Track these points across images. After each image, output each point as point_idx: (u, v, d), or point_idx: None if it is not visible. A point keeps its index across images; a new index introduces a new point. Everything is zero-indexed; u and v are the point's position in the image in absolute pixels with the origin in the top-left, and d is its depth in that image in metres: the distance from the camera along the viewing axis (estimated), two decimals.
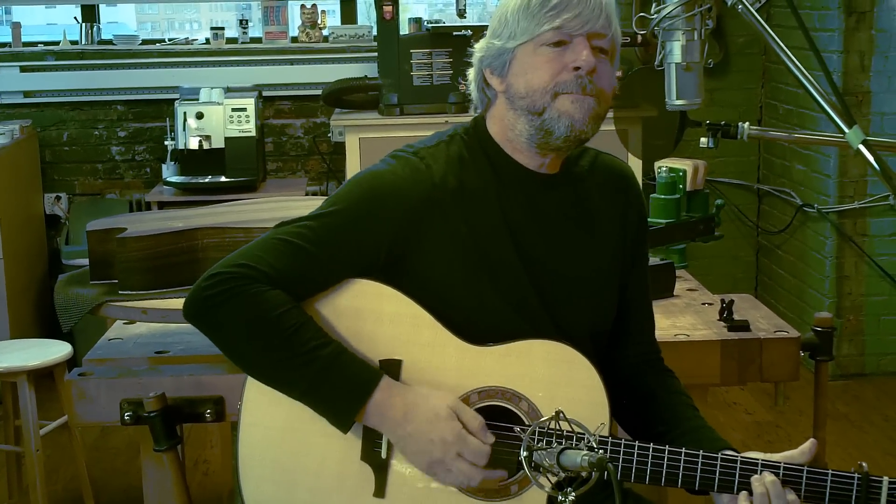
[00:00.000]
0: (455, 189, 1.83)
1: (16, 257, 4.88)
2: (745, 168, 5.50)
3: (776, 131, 2.35)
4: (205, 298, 1.76)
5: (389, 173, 1.83)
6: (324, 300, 1.81)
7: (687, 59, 1.93)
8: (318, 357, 1.74)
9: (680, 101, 1.99)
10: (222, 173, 4.84)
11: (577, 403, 1.75)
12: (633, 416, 1.97)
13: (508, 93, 1.84)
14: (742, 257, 5.59)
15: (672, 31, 1.93)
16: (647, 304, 2.04)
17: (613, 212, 1.96)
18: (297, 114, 5.40)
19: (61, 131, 5.35)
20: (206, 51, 5.34)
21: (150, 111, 5.34)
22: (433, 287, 1.81)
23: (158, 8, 6.67)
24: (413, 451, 1.75)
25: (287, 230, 1.81)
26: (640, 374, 2.00)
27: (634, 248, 1.99)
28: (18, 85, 5.25)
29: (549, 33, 1.79)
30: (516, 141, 1.86)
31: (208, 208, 2.57)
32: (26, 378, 3.28)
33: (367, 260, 1.81)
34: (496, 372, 1.79)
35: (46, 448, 4.09)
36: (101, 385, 2.31)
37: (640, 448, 1.75)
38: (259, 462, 1.82)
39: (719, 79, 5.35)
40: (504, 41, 1.83)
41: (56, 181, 5.38)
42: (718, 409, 4.54)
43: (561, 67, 1.79)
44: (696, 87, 1.97)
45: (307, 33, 5.38)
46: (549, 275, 1.87)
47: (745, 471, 1.74)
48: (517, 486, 1.76)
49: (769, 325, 2.52)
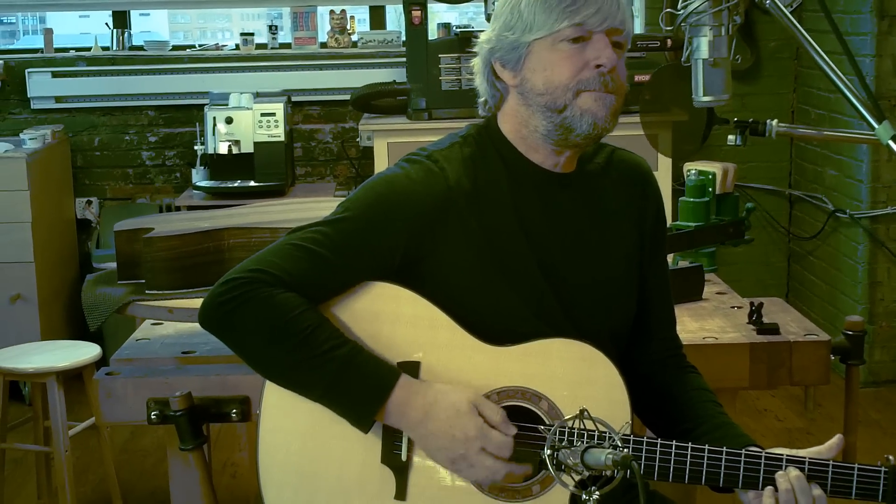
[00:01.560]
0: (469, 191, 1.81)
1: (47, 261, 4.91)
2: (776, 173, 5.47)
3: (805, 128, 2.33)
4: (219, 304, 1.76)
5: (403, 177, 1.82)
6: (341, 303, 1.80)
7: (714, 55, 1.91)
8: (336, 357, 1.73)
9: (707, 97, 1.97)
10: (251, 178, 4.85)
11: (597, 402, 1.74)
12: (657, 414, 1.96)
13: (522, 88, 1.81)
14: (774, 263, 5.55)
15: (699, 27, 1.91)
16: (667, 300, 2.02)
17: (630, 208, 1.94)
18: (325, 119, 5.41)
19: (93, 136, 5.38)
20: (236, 56, 5.36)
21: (180, 116, 5.36)
22: (449, 290, 1.80)
23: (190, 17, 6.70)
24: (435, 448, 1.74)
25: (301, 235, 1.80)
26: (662, 371, 1.99)
27: (652, 245, 1.97)
28: (51, 90, 5.29)
29: (568, 30, 1.76)
30: (531, 138, 1.85)
31: (235, 209, 2.57)
32: (55, 379, 3.29)
33: (381, 264, 1.80)
34: (515, 372, 1.77)
35: (76, 449, 4.11)
36: (127, 384, 2.32)
37: (662, 446, 1.73)
38: (280, 468, 1.82)
39: (751, 83, 5.32)
40: (518, 34, 1.79)
41: (87, 186, 5.42)
42: (749, 415, 4.50)
43: (582, 65, 1.77)
44: (723, 83, 1.95)
45: (336, 39, 5.39)
46: (565, 275, 1.86)
47: (770, 467, 1.73)
48: (539, 487, 1.75)
49: (799, 329, 2.49)
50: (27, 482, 3.96)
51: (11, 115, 5.33)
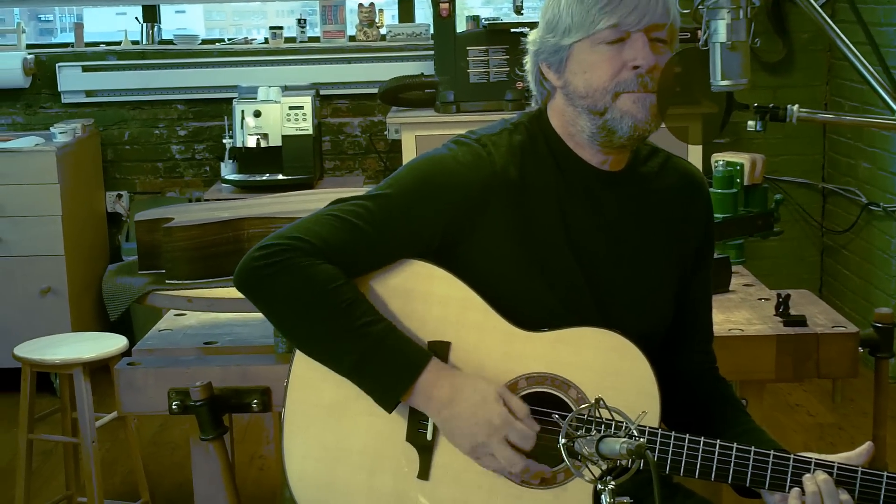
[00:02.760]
0: (515, 180, 1.80)
1: (78, 254, 4.94)
2: (809, 167, 5.41)
3: (825, 114, 2.28)
4: (257, 269, 1.74)
5: (450, 158, 1.80)
6: (375, 279, 1.79)
7: (732, 39, 1.88)
8: (369, 334, 1.72)
9: (725, 81, 1.94)
10: (279, 171, 4.86)
11: (627, 393, 1.72)
12: (686, 423, 1.93)
13: (566, 89, 1.80)
14: (807, 257, 5.49)
15: (717, 10, 1.88)
16: (707, 313, 2.00)
17: (678, 216, 1.90)
18: (354, 112, 5.40)
19: (123, 130, 5.40)
20: (265, 50, 5.36)
21: (209, 110, 5.37)
22: (483, 276, 1.78)
23: (225, 14, 6.72)
24: (458, 433, 1.73)
25: (342, 207, 1.79)
26: (695, 382, 1.96)
27: (698, 258, 1.94)
28: (81, 84, 5.31)
29: (606, 31, 1.73)
30: (578, 136, 1.83)
31: (256, 199, 2.57)
32: (82, 370, 3.30)
33: (419, 244, 1.79)
34: (545, 358, 1.76)
35: (105, 441, 4.13)
36: (149, 374, 2.32)
37: (690, 441, 1.71)
38: (303, 439, 1.81)
39: (783, 76, 5.27)
40: (559, 37, 1.78)
41: (117, 179, 5.44)
42: (780, 410, 4.46)
43: (620, 66, 1.74)
44: (741, 66, 1.92)
45: (364, 32, 5.39)
46: (603, 273, 1.84)
47: (798, 469, 1.70)
48: (563, 475, 1.73)
49: (827, 321, 2.46)
50: (56, 474, 3.98)
51: (42, 109, 5.36)
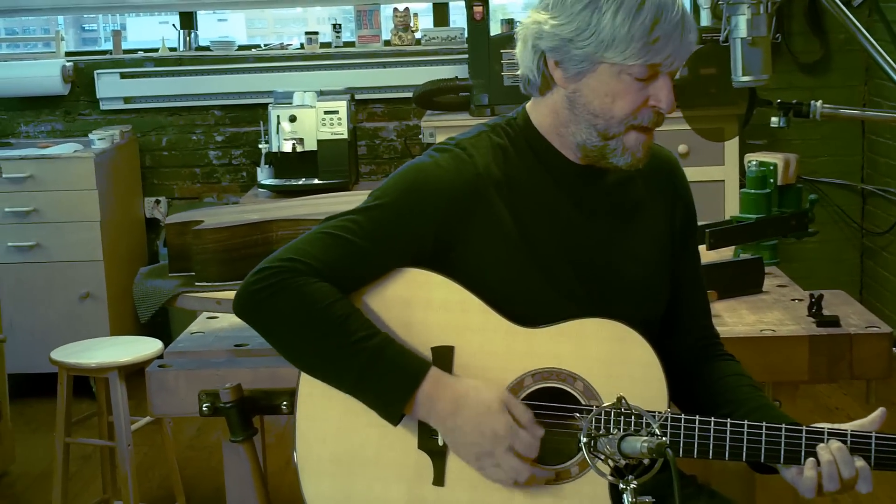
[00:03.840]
0: (499, 179, 1.81)
1: (116, 259, 4.98)
2: (848, 168, 5.35)
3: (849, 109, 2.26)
4: (252, 293, 1.77)
5: (433, 165, 1.82)
6: (372, 291, 1.80)
7: (753, 34, 1.86)
8: (366, 348, 1.73)
9: (746, 77, 1.93)
10: (315, 176, 4.87)
11: (633, 381, 1.73)
12: (694, 403, 1.93)
13: (574, 97, 1.78)
14: (846, 259, 5.43)
15: (737, 6, 1.87)
16: (700, 289, 2.00)
17: (660, 200, 1.92)
18: (389, 117, 5.41)
19: (160, 136, 5.44)
20: (300, 55, 5.38)
21: (246, 116, 5.40)
22: (480, 277, 1.79)
23: (267, 21, 6.75)
24: (462, 443, 1.73)
25: (333, 224, 1.81)
26: (698, 360, 1.96)
27: (682, 236, 1.96)
28: (119, 91, 5.36)
29: (639, 69, 1.72)
30: (567, 137, 1.83)
31: (286, 202, 2.58)
32: (118, 373, 3.33)
33: (413, 252, 1.80)
34: (549, 353, 1.76)
35: (143, 445, 4.16)
36: (179, 377, 2.33)
37: (700, 423, 1.71)
38: (317, 457, 1.82)
39: (821, 76, 5.22)
40: (587, 48, 1.72)
41: (156, 185, 5.48)
42: (820, 413, 4.41)
43: (642, 101, 1.75)
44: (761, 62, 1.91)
45: (399, 36, 5.40)
46: (596, 265, 1.84)
47: (812, 440, 1.70)
48: (577, 468, 1.73)
49: (860, 321, 2.43)
50: (95, 478, 4.01)
51: (81, 115, 5.42)
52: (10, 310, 4.70)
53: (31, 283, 4.86)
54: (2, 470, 4.08)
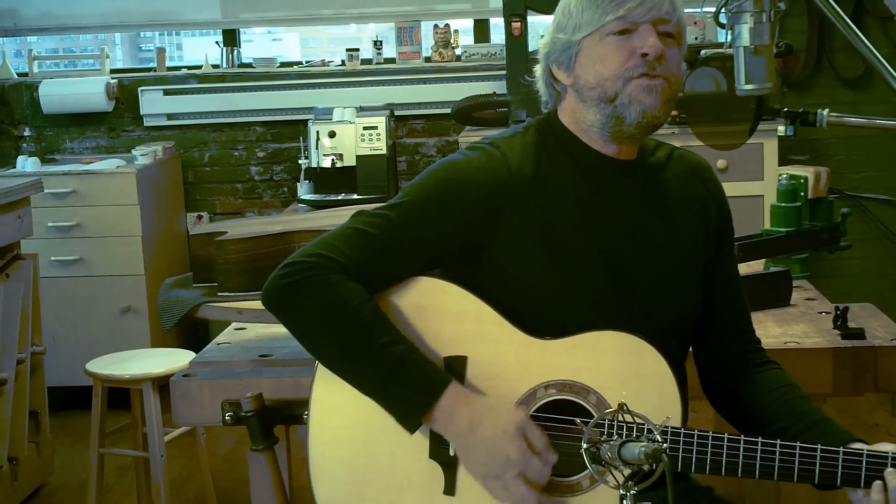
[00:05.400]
0: (531, 177, 1.82)
1: (158, 273, 5.04)
2: (891, 183, 5.29)
3: (855, 118, 2.25)
4: (282, 287, 1.78)
5: (465, 163, 1.83)
6: (388, 299, 1.81)
7: (755, 43, 1.86)
8: (391, 353, 1.73)
9: (749, 85, 1.93)
10: (354, 191, 4.90)
11: (647, 395, 1.72)
12: (742, 413, 1.92)
13: (577, 85, 1.83)
14: (890, 275, 5.37)
15: (740, 14, 1.87)
16: (738, 295, 1.99)
17: (693, 202, 1.92)
18: (429, 132, 5.43)
19: (203, 152, 5.50)
20: (341, 72, 5.42)
21: (287, 132, 5.45)
22: (509, 278, 1.80)
23: (322, 41, 6.80)
24: (474, 461, 1.73)
25: (364, 220, 1.82)
26: (741, 369, 1.95)
27: (718, 240, 1.95)
28: (163, 107, 5.43)
29: (613, 23, 1.78)
30: (589, 131, 1.85)
31: (310, 213, 2.60)
32: (151, 385, 3.36)
33: (442, 249, 1.81)
34: (563, 365, 1.76)
35: (180, 457, 4.19)
36: (203, 386, 2.35)
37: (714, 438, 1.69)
38: (330, 463, 1.83)
39: (862, 91, 5.17)
40: (569, 34, 1.82)
41: (198, 201, 5.54)
42: (860, 430, 4.30)
43: (629, 54, 1.78)
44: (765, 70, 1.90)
45: (440, 53, 5.42)
46: (627, 265, 1.84)
47: (873, 465, 1.67)
48: (588, 481, 1.73)
49: (886, 334, 2.40)
50: (132, 490, 4.03)
51: (125, 132, 5.49)
52: (52, 323, 4.78)
53: (73, 296, 4.93)
54: (41, 481, 4.12)
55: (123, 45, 6.71)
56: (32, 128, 5.50)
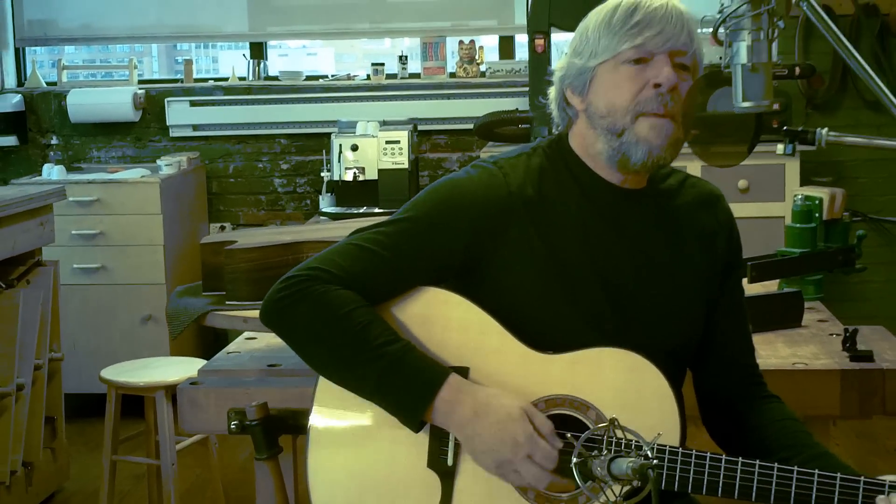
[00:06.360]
0: (532, 198, 1.82)
1: (179, 283, 5.01)
2: None
3: (854, 136, 2.24)
4: (277, 300, 1.79)
5: (466, 181, 1.84)
6: (392, 307, 1.82)
7: (753, 60, 1.86)
8: (387, 353, 1.74)
9: (746, 103, 1.93)
10: (376, 204, 4.91)
11: (646, 413, 1.71)
12: (743, 443, 1.91)
13: (589, 111, 1.83)
14: None
15: (738, 32, 1.87)
16: (743, 326, 1.98)
17: (702, 231, 1.92)
18: (452, 147, 5.45)
19: (227, 164, 5.54)
20: (366, 86, 5.45)
21: (311, 144, 5.48)
22: (507, 297, 1.80)
23: (356, 56, 6.84)
24: (482, 450, 1.73)
25: (363, 236, 1.83)
26: (742, 400, 1.94)
27: (726, 270, 1.94)
28: (188, 119, 5.47)
29: (630, 51, 1.78)
30: (597, 158, 1.85)
31: (320, 224, 2.61)
32: (164, 393, 3.38)
33: (441, 266, 1.82)
34: (563, 380, 1.76)
35: (196, 467, 4.21)
36: (209, 394, 2.36)
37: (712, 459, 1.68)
38: (329, 469, 1.83)
39: (885, 114, 5.11)
40: (585, 60, 1.82)
41: (221, 212, 5.57)
42: (877, 455, 4.33)
43: (642, 84, 1.77)
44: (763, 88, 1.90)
45: (464, 69, 5.44)
46: (628, 290, 1.84)
47: (870, 492, 1.66)
48: (584, 498, 1.72)
49: (895, 357, 2.39)
50: (146, 497, 4.06)
51: (151, 142, 5.54)
52: (73, 330, 4.81)
53: (94, 304, 4.96)
54: (56, 487, 4.15)
55: (160, 56, 6.76)
56: (59, 136, 5.56)
